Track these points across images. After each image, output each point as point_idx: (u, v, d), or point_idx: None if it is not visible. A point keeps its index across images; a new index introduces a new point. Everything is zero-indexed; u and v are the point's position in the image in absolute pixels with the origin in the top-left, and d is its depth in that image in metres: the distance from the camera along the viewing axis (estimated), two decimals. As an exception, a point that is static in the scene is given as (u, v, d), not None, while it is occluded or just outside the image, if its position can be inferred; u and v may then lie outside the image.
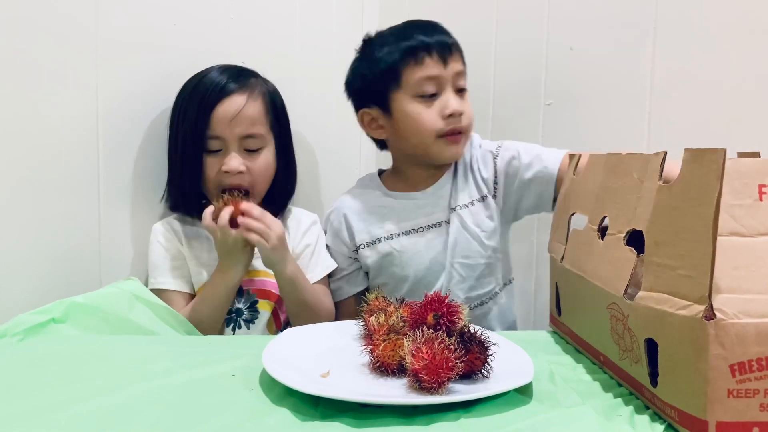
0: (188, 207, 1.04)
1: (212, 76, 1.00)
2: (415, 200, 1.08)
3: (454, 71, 1.02)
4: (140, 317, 0.86)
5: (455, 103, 1.01)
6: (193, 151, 0.99)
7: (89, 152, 1.01)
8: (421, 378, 0.59)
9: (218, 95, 0.98)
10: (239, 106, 0.98)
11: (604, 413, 0.58)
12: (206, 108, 0.97)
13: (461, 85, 1.03)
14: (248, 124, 0.99)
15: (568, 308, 0.82)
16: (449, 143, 1.03)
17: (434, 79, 1.01)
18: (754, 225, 0.53)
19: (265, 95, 1.03)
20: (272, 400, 0.60)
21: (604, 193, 0.73)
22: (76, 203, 1.00)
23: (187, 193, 1.03)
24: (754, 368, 0.49)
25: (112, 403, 0.59)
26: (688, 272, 0.52)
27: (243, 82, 1.01)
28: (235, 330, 1.00)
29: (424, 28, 1.04)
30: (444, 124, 1.01)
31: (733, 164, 0.53)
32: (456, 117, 1.01)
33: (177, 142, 1.02)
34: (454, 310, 0.67)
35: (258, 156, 1.01)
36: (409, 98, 1.02)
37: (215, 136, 0.98)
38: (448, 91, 1.01)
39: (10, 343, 0.76)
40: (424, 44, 1.01)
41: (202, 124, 0.98)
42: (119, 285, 0.89)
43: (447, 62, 1.01)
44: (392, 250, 1.07)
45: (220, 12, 1.12)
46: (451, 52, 1.01)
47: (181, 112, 1.01)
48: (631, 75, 1.13)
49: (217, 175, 1.00)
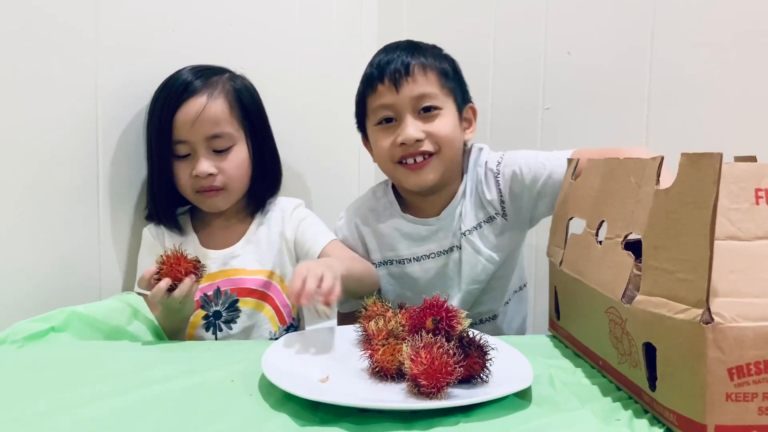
0: (160, 216, 1.03)
1: (176, 76, 1.00)
2: (429, 226, 1.04)
3: (411, 95, 0.96)
4: (139, 331, 0.87)
5: (409, 129, 0.95)
6: (160, 159, 0.99)
7: (88, 157, 1.01)
8: (420, 383, 0.59)
9: (178, 98, 0.97)
10: (200, 108, 0.97)
11: (603, 417, 0.58)
12: (169, 113, 0.97)
13: (426, 105, 0.97)
14: (212, 124, 0.98)
15: (567, 312, 0.82)
16: (407, 171, 0.98)
17: (389, 107, 0.98)
18: (751, 229, 0.53)
19: (228, 92, 1.01)
20: (271, 405, 0.60)
21: (601, 198, 0.73)
22: (75, 208, 1.00)
23: (158, 203, 1.02)
24: (752, 372, 0.50)
25: (112, 409, 0.59)
26: (685, 276, 0.52)
27: (205, 81, 0.99)
28: (216, 333, 1.00)
29: (387, 51, 1.01)
30: (398, 151, 0.97)
31: (730, 168, 0.53)
32: (409, 144, 0.96)
33: (150, 150, 1.02)
34: (453, 315, 0.67)
35: (228, 155, 1.00)
36: (373, 126, 1.01)
37: (181, 141, 0.98)
38: (404, 117, 0.97)
39: (9, 350, 0.76)
40: (376, 72, 0.98)
41: (166, 131, 0.97)
42: (121, 298, 0.89)
43: (400, 87, 0.96)
44: (404, 274, 1.05)
45: (219, 17, 1.13)
46: (408, 75, 0.96)
47: (150, 117, 1.01)
48: (628, 79, 1.14)
49: (189, 180, 1.00)
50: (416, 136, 0.96)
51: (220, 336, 1.00)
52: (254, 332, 1.02)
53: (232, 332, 1.01)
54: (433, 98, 0.97)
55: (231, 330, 1.01)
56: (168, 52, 1.06)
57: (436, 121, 0.98)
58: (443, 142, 0.98)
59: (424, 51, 1.00)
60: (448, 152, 0.99)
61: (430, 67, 0.98)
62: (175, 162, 1.00)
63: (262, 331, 1.02)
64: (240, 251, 1.03)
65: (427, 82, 0.97)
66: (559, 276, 0.83)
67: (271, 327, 1.03)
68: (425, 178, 0.98)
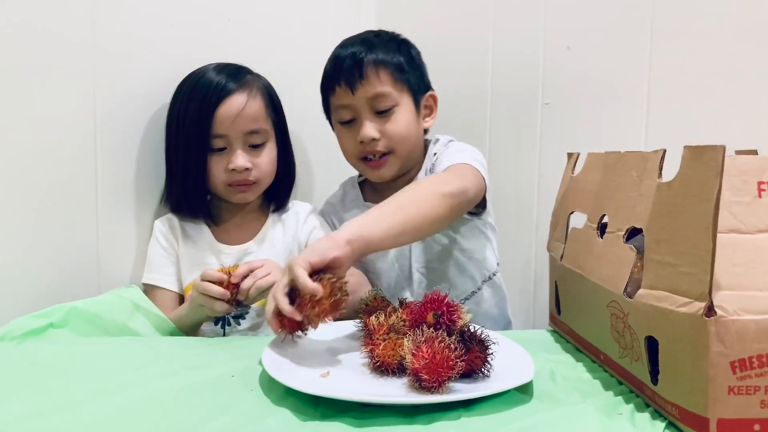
0: (191, 208, 1.05)
1: (210, 76, 1.01)
2: None
3: (367, 96, 0.99)
4: (139, 326, 0.87)
5: (366, 131, 0.99)
6: (197, 152, 1.00)
7: (87, 156, 1.01)
8: (421, 377, 0.59)
9: (219, 95, 0.99)
10: (241, 105, 0.99)
11: (605, 411, 0.58)
12: (209, 108, 0.98)
13: (381, 107, 1.00)
14: (251, 120, 1.01)
15: (568, 307, 0.82)
16: (368, 167, 1.04)
17: (347, 107, 1.01)
18: (754, 222, 0.53)
19: (263, 91, 1.04)
20: (272, 400, 0.60)
21: (603, 192, 0.73)
22: (74, 207, 1.00)
23: (190, 194, 1.03)
24: (754, 365, 0.49)
25: (112, 406, 0.59)
26: (688, 269, 0.52)
27: (241, 80, 1.02)
28: (225, 328, 1.01)
29: (343, 46, 1.03)
30: (359, 149, 1.02)
31: (732, 161, 0.53)
32: (367, 143, 1.00)
33: (178, 144, 1.02)
34: (454, 309, 0.67)
35: (262, 151, 1.03)
36: (336, 123, 1.06)
37: (219, 135, 1.00)
38: (362, 118, 1.00)
39: (8, 347, 0.76)
40: (333, 71, 1.01)
41: (205, 125, 0.98)
42: (119, 293, 0.89)
43: (355, 89, 0.99)
44: (366, 259, 1.07)
45: (218, 15, 1.12)
46: (362, 76, 0.99)
47: (180, 114, 1.01)
48: (628, 74, 1.14)
49: (223, 174, 1.01)
50: (372, 135, 1.00)
51: (229, 330, 1.01)
52: (262, 329, 1.02)
53: (240, 327, 1.01)
54: (386, 97, 1.00)
55: (240, 325, 1.01)
56: (166, 49, 1.05)
57: (390, 120, 1.01)
58: (397, 141, 1.01)
59: (376, 46, 1.01)
60: (403, 149, 1.03)
61: (382, 63, 1.00)
62: (208, 155, 1.01)
63: (269, 329, 1.02)
64: (254, 248, 1.05)
65: (380, 81, 1.00)
66: (559, 270, 0.83)
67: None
68: (384, 174, 1.04)
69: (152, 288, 1.01)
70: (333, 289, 0.66)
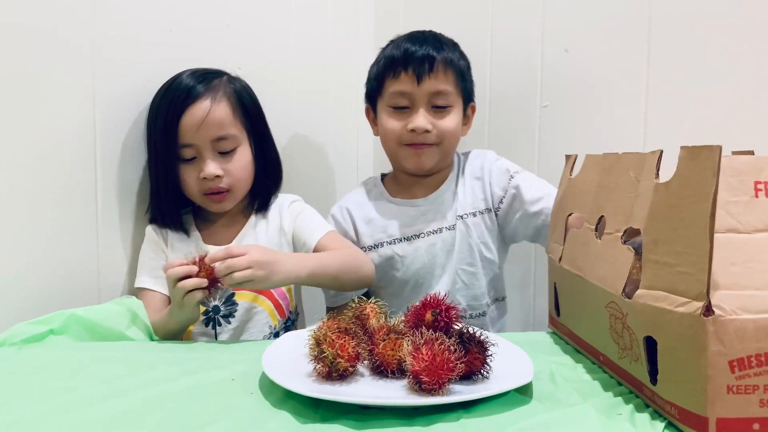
0: (164, 220, 1.04)
1: (178, 82, 1.00)
2: (417, 207, 1.11)
3: (430, 90, 1.02)
4: (137, 335, 0.87)
5: (420, 121, 1.02)
6: (166, 163, 1.00)
7: (87, 162, 1.01)
8: (421, 379, 0.59)
9: (183, 103, 0.98)
10: (204, 112, 0.98)
11: (605, 412, 0.58)
12: (173, 118, 0.98)
13: (440, 103, 1.04)
14: (217, 127, 0.99)
15: (567, 308, 0.82)
16: (412, 152, 1.05)
17: (406, 95, 1.03)
18: (751, 221, 0.53)
19: (230, 95, 1.02)
20: (272, 403, 0.60)
21: (600, 193, 0.73)
22: (74, 212, 1.00)
23: (163, 205, 1.03)
24: (753, 364, 0.50)
25: (112, 411, 0.59)
26: (686, 269, 0.52)
27: (207, 85, 1.00)
28: (216, 328, 1.01)
29: (415, 40, 1.05)
30: (407, 136, 1.04)
31: (729, 161, 0.53)
32: (418, 133, 1.03)
33: (150, 155, 1.03)
34: (452, 308, 0.67)
35: (233, 156, 1.02)
36: (385, 107, 1.07)
37: (187, 144, 0.99)
38: (418, 109, 1.03)
39: (8, 353, 0.76)
40: (402, 58, 1.03)
41: (172, 135, 0.98)
42: (120, 302, 0.89)
43: (422, 80, 1.02)
44: (394, 254, 1.09)
45: (217, 19, 1.12)
46: (431, 70, 1.02)
47: (151, 123, 1.02)
48: (626, 76, 1.14)
49: (196, 183, 1.01)
50: (426, 127, 1.03)
51: (219, 330, 1.01)
52: (253, 326, 1.02)
53: (231, 326, 1.01)
54: (446, 96, 1.04)
55: (230, 324, 1.01)
56: (166, 54, 1.06)
57: (445, 117, 1.05)
58: (446, 137, 1.05)
59: (448, 47, 1.05)
60: (448, 145, 1.07)
61: (451, 64, 1.04)
62: (180, 166, 1.01)
63: (261, 325, 1.02)
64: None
65: (446, 79, 1.04)
66: (558, 272, 0.83)
67: (270, 321, 1.03)
68: (424, 162, 1.06)
69: (142, 291, 1.01)
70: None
